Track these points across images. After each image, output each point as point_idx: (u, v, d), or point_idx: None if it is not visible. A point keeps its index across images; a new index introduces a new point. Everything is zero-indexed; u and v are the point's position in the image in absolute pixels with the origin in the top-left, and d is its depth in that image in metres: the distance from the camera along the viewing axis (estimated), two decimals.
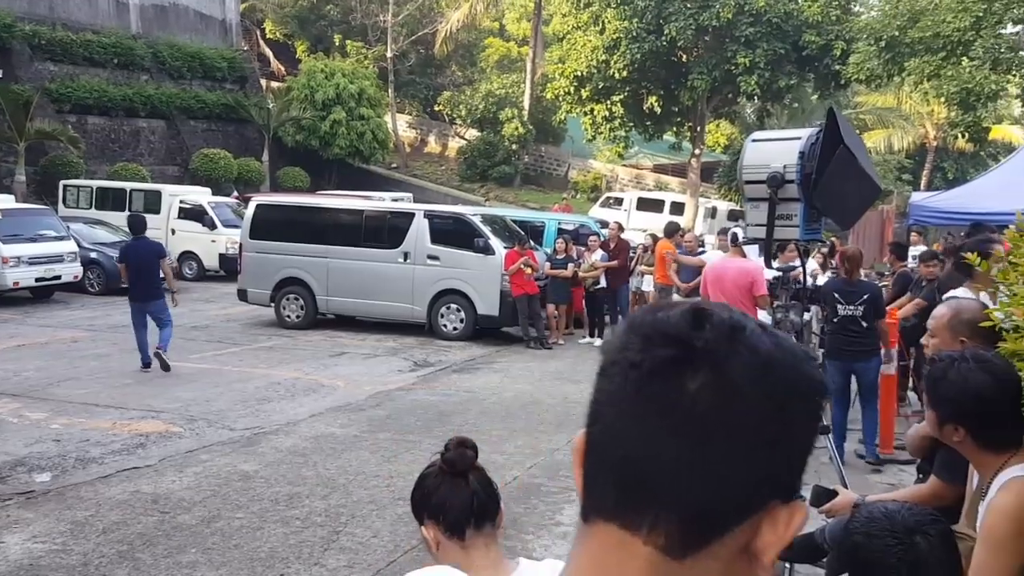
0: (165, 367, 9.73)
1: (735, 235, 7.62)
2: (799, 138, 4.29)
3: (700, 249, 13.07)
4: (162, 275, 10.12)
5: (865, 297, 6.70)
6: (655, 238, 14.48)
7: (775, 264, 4.93)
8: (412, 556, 4.90)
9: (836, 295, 6.74)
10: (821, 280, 8.68)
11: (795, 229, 4.31)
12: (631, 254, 13.79)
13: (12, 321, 13.08)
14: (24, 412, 7.92)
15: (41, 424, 7.54)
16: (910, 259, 10.22)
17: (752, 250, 7.49)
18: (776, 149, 4.33)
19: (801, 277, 4.68)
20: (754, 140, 4.53)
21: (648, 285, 13.51)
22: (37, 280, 15.41)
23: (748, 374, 0.65)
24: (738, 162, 4.49)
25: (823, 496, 3.17)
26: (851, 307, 6.68)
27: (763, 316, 10.73)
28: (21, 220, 15.97)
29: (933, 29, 17.10)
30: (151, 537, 5.01)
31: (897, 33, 17.85)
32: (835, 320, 6.73)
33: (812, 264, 9.85)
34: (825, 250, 11.58)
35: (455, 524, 1.84)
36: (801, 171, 4.22)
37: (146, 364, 9.96)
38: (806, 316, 5.25)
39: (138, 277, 9.95)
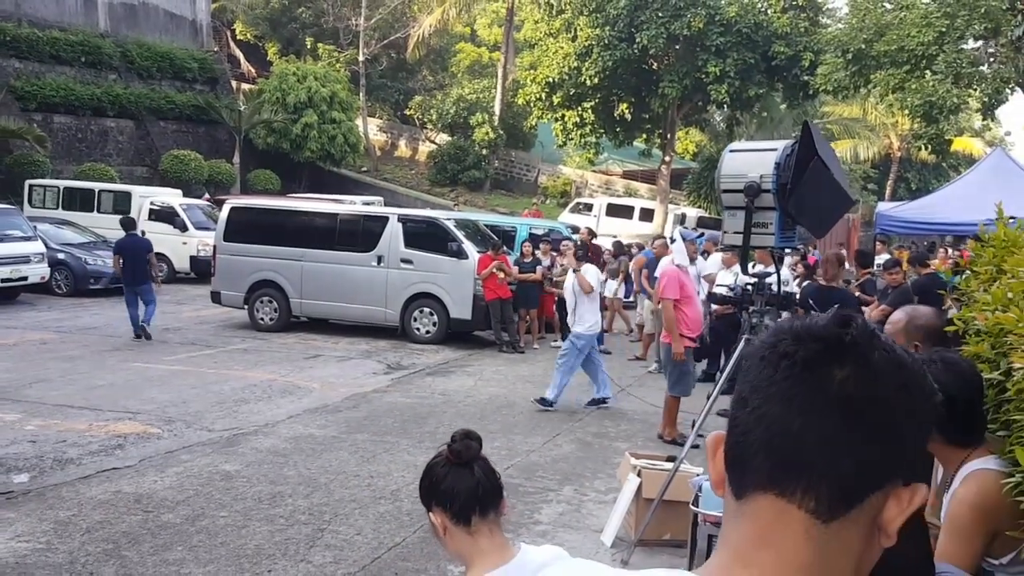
0: (148, 336, 12.12)
1: (671, 239, 7.99)
2: (775, 149, 4.47)
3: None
4: (148, 265, 12.50)
5: (836, 306, 6.91)
6: (619, 246, 14.76)
7: (751, 270, 5.10)
8: (396, 552, 5.00)
9: (811, 301, 6.96)
10: (792, 287, 8.93)
11: (771, 236, 4.48)
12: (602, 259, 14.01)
13: None
14: None
15: (15, 425, 7.49)
16: (875, 267, 10.50)
17: (677, 252, 7.86)
18: (753, 159, 4.51)
19: (775, 283, 4.85)
20: (732, 151, 4.70)
21: (610, 291, 13.78)
22: (3, 281, 15.15)
23: (886, 367, 0.79)
24: (716, 171, 4.66)
25: None
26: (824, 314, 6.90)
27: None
28: None
29: (898, 43, 17.56)
30: (136, 536, 5.04)
31: (864, 46, 18.30)
32: None
33: (785, 271, 10.13)
34: (797, 258, 11.86)
35: (461, 511, 1.96)
36: (777, 181, 4.40)
37: (136, 335, 12.15)
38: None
39: (131, 266, 12.26)
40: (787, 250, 6.01)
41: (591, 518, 5.72)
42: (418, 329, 13.07)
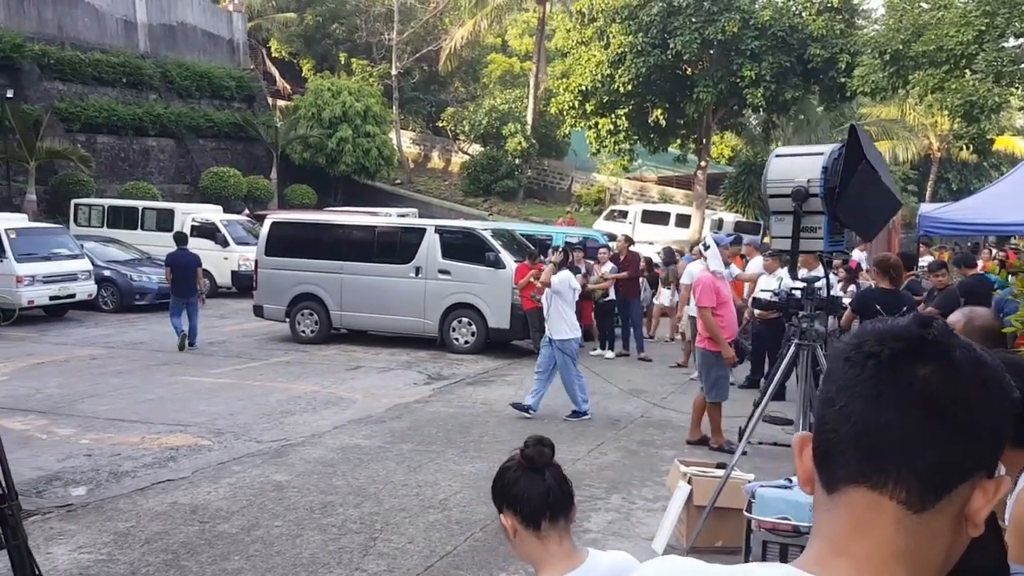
0: (192, 343, 12.94)
1: (705, 245, 7.90)
2: (822, 153, 4.45)
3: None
4: (196, 279, 13.22)
5: (905, 309, 6.87)
6: (669, 253, 14.68)
7: (800, 275, 5.08)
8: (448, 561, 5.04)
9: (878, 306, 6.88)
10: (836, 291, 8.82)
11: (819, 241, 4.46)
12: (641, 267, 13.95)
13: (28, 339, 13.22)
14: (52, 428, 8.06)
15: (70, 440, 7.67)
16: (918, 269, 10.35)
17: (712, 257, 7.77)
18: (800, 164, 4.49)
19: (825, 288, 4.82)
20: (778, 155, 4.69)
21: (666, 299, 13.64)
22: (51, 298, 15.51)
23: (968, 365, 0.84)
24: (762, 176, 4.65)
25: None
26: (894, 319, 6.81)
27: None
28: (35, 239, 16.08)
29: (936, 43, 17.33)
30: (194, 546, 5.14)
31: (901, 47, 18.09)
32: None
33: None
34: (838, 262, 11.73)
35: (531, 516, 1.98)
36: (825, 185, 4.38)
37: (180, 347, 12.74)
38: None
39: (181, 278, 13.02)
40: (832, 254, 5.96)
41: (641, 526, 5.71)
42: (457, 339, 13.14)
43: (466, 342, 13.09)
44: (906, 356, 0.83)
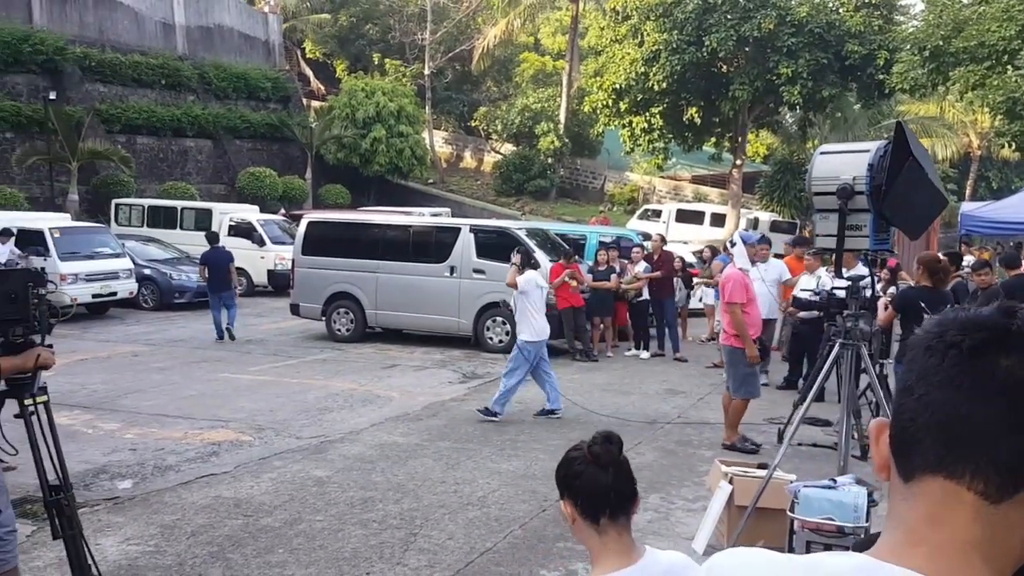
0: (232, 337, 13.54)
1: (731, 242, 7.80)
2: (868, 151, 4.41)
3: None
4: (228, 274, 13.82)
5: (949, 307, 6.76)
6: (713, 251, 14.54)
7: (845, 273, 5.03)
8: (488, 558, 5.07)
9: (922, 304, 6.81)
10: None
11: (865, 239, 4.42)
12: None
13: (71, 336, 13.46)
14: (97, 423, 8.22)
15: (115, 435, 7.82)
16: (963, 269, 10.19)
17: (739, 255, 7.68)
18: (845, 161, 4.45)
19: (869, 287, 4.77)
20: (823, 153, 4.65)
21: (710, 299, 13.48)
22: (94, 296, 15.81)
23: None
24: (807, 175, 4.61)
25: None
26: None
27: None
28: (78, 238, 16.42)
29: (978, 38, 17.02)
30: (238, 539, 5.23)
31: (941, 43, 17.79)
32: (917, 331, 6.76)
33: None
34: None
35: (591, 510, 1.99)
36: (870, 183, 4.33)
37: (219, 338, 13.51)
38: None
39: (216, 275, 13.70)
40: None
41: (680, 526, 5.69)
42: (491, 338, 13.16)
43: (500, 341, 13.10)
44: (989, 346, 0.82)
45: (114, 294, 16.17)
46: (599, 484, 1.97)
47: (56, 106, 23.23)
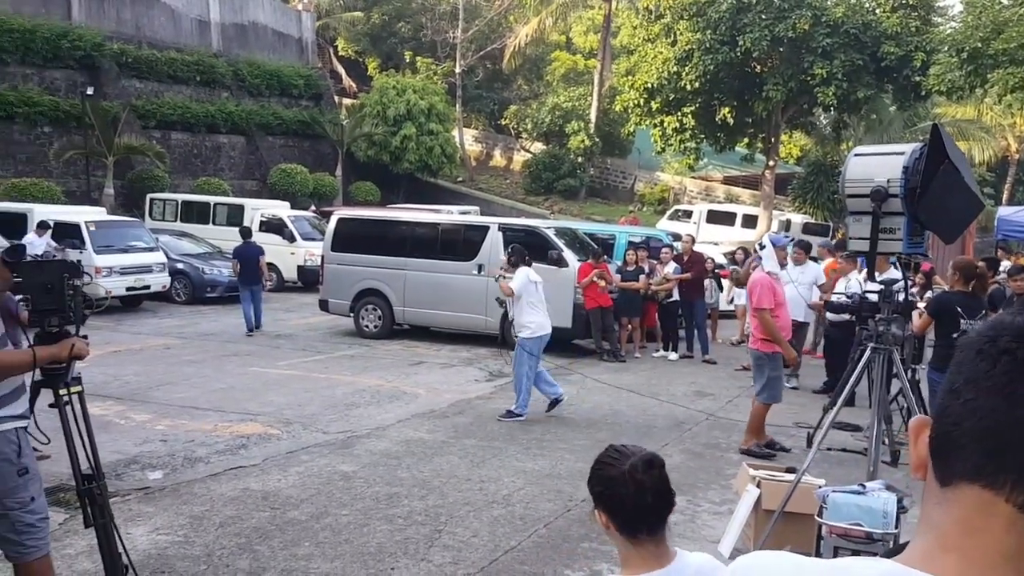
0: (258, 327, 14.08)
1: (760, 245, 7.70)
2: (903, 153, 4.35)
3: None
4: (259, 267, 14.34)
5: (984, 312, 6.69)
6: (746, 252, 14.40)
7: (878, 277, 4.97)
8: (513, 556, 5.07)
9: (959, 308, 6.71)
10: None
11: (898, 242, 4.36)
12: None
13: (105, 328, 13.66)
14: (129, 414, 8.34)
15: (146, 426, 7.93)
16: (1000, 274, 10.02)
17: (767, 258, 7.55)
18: (880, 163, 4.39)
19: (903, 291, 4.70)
20: (857, 154, 4.59)
21: (741, 300, 13.34)
22: (128, 289, 16.04)
23: None
24: (840, 176, 4.56)
25: None
26: (973, 322, 6.64)
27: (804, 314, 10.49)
28: (112, 232, 16.66)
29: (1018, 40, 16.73)
30: (266, 531, 5.28)
31: (980, 44, 17.50)
32: (953, 336, 6.67)
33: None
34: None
35: (629, 528, 1.95)
36: (905, 185, 4.27)
37: (249, 330, 13.87)
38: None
39: (247, 268, 14.13)
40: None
41: (706, 529, 5.66)
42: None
43: None
44: None
45: (147, 287, 16.40)
46: (640, 508, 1.93)
47: (93, 101, 23.60)
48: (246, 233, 15.15)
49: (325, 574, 4.70)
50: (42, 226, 14.77)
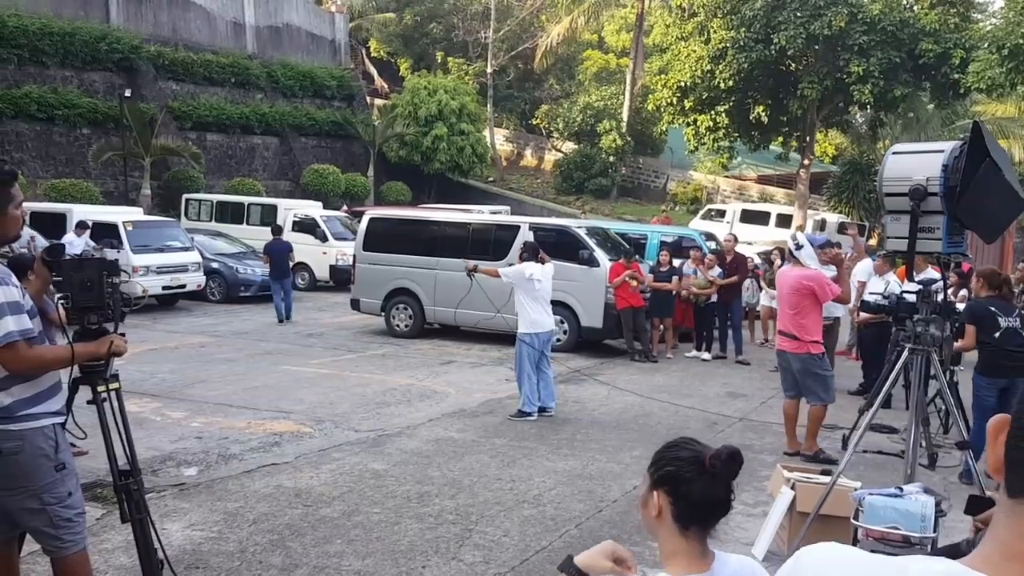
0: (288, 318, 15.15)
1: (796, 244, 7.51)
2: (942, 151, 4.26)
3: None
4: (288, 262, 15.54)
5: (1018, 312, 6.56)
6: (782, 252, 14.20)
7: (917, 277, 4.88)
8: (544, 556, 5.06)
9: (993, 308, 6.59)
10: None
11: (938, 242, 4.28)
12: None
13: (141, 327, 13.86)
14: (165, 411, 8.46)
15: (182, 423, 8.04)
16: None
17: (808, 257, 7.36)
18: (918, 162, 4.31)
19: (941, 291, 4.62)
20: (895, 152, 4.52)
21: (769, 300, 13.19)
22: (164, 288, 16.27)
23: None
24: (878, 174, 4.49)
25: (979, 504, 3.15)
26: (1011, 318, 6.51)
27: (843, 311, 10.24)
28: (149, 232, 16.91)
29: None
30: (298, 528, 5.33)
31: (1022, 41, 17.14)
32: (995, 336, 6.55)
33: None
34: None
35: (687, 518, 1.87)
36: (945, 184, 4.19)
37: (280, 320, 15.06)
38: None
39: (278, 263, 15.27)
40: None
41: (739, 531, 5.60)
42: None
43: (558, 340, 13.03)
44: None
45: (183, 286, 16.62)
46: (708, 498, 1.86)
47: (131, 103, 23.97)
48: (277, 230, 16.28)
49: (357, 571, 4.72)
50: (81, 226, 15.02)
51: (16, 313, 3.19)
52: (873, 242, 25.16)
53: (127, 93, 24.06)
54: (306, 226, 20.24)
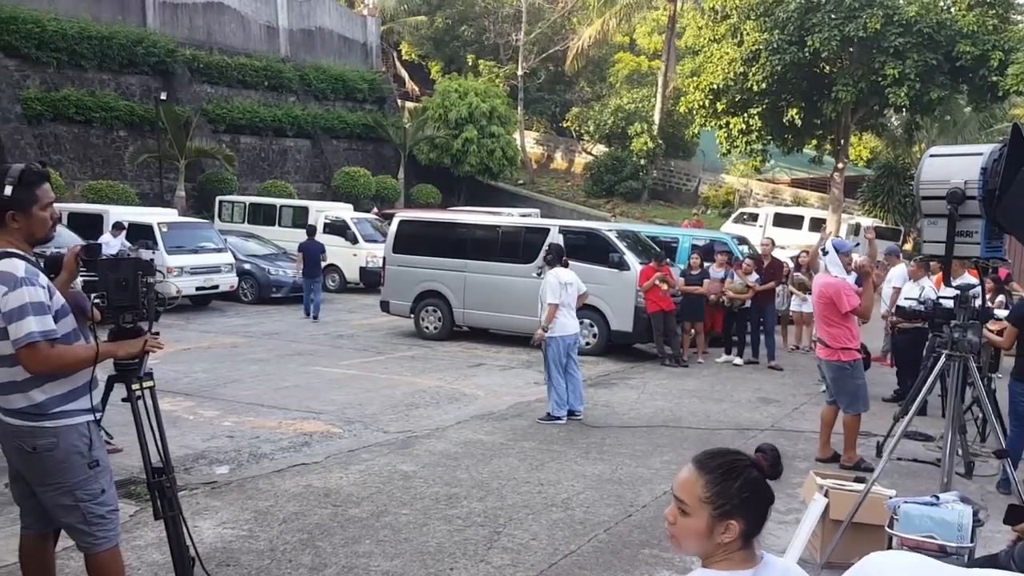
0: (315, 317, 15.71)
1: (823, 250, 7.39)
2: (981, 153, 4.18)
3: None
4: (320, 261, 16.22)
5: None
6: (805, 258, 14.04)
7: (954, 283, 4.79)
8: (572, 560, 5.03)
9: None
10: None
11: (976, 246, 4.19)
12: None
13: (175, 327, 14.05)
14: (198, 410, 8.55)
15: (214, 421, 8.12)
16: None
17: (832, 264, 7.22)
18: (956, 164, 4.23)
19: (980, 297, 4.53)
20: (932, 155, 4.44)
21: (806, 306, 13.00)
22: (197, 289, 16.49)
23: None
24: (915, 177, 4.41)
25: (1019, 514, 3.09)
26: None
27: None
28: (183, 233, 17.14)
29: None
30: (327, 528, 5.35)
31: None
32: None
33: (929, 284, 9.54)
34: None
35: (756, 528, 1.82)
36: (983, 187, 4.11)
37: (306, 315, 15.88)
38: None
39: (310, 262, 15.91)
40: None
41: (771, 538, 5.53)
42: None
43: (587, 343, 12.99)
44: None
45: (216, 287, 16.82)
46: (770, 503, 1.83)
47: (166, 106, 24.31)
48: (311, 231, 17.02)
49: (385, 572, 4.73)
50: (117, 227, 15.27)
51: (40, 314, 3.22)
52: (908, 247, 24.78)
53: (163, 96, 24.41)
54: (336, 228, 20.39)
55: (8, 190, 3.26)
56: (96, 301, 3.59)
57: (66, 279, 3.59)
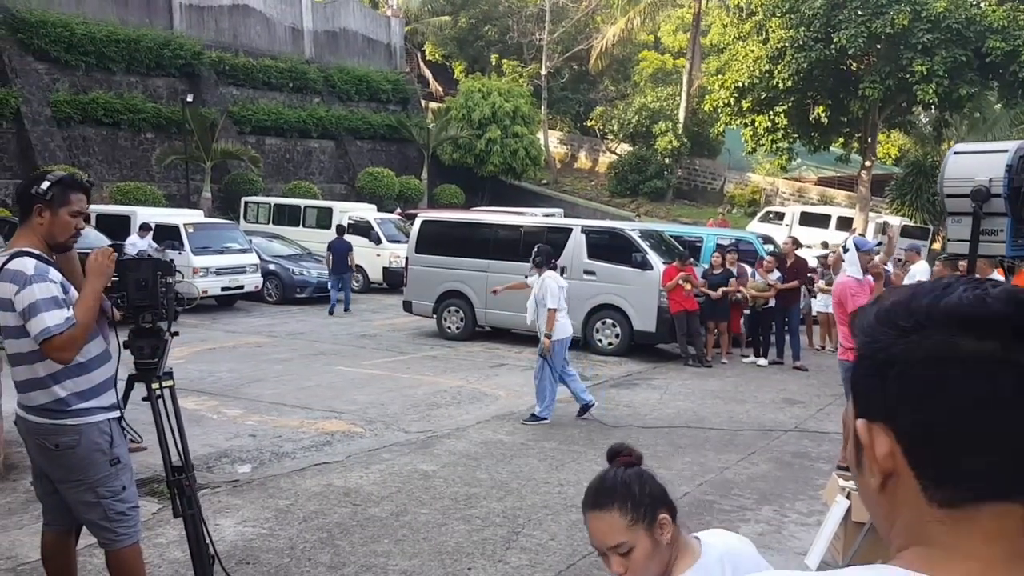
0: (346, 309, 16.73)
1: (844, 248, 7.26)
2: (1006, 151, 4.11)
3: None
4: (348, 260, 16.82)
5: None
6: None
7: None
8: (591, 561, 5.00)
9: None
10: None
11: (1001, 245, 4.12)
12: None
13: (201, 327, 14.19)
14: (221, 409, 8.63)
15: (237, 421, 8.19)
16: None
17: (850, 263, 7.08)
18: (981, 162, 4.16)
19: None
20: (957, 152, 4.37)
21: (824, 306, 12.87)
22: (223, 289, 16.64)
23: None
24: (939, 175, 4.34)
25: None
26: None
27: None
28: (209, 234, 17.31)
29: None
30: (347, 527, 5.37)
31: None
32: None
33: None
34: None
35: (672, 507, 1.93)
36: (1009, 184, 4.04)
37: (330, 312, 16.40)
38: None
39: (338, 260, 16.58)
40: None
41: (793, 540, 5.48)
42: (600, 341, 13.03)
43: (610, 344, 12.97)
44: None
45: (241, 287, 16.97)
46: (654, 476, 1.96)
47: (193, 108, 24.56)
48: (340, 231, 17.48)
49: (403, 571, 4.74)
50: (144, 228, 15.45)
51: (51, 309, 3.29)
52: (937, 246, 24.43)
53: (189, 98, 24.66)
54: (360, 228, 20.45)
55: (45, 185, 3.37)
56: (116, 300, 3.63)
57: (98, 285, 3.57)
